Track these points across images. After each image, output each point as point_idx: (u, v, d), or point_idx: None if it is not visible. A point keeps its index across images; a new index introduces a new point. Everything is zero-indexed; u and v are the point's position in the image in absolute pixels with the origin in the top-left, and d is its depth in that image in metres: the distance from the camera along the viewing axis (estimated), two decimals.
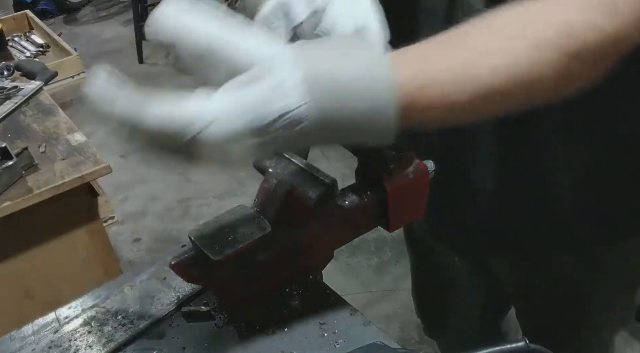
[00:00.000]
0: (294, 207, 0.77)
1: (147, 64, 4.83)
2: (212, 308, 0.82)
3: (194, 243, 0.77)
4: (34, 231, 1.69)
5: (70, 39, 5.15)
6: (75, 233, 1.76)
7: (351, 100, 0.51)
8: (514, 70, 0.56)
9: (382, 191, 0.84)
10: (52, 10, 5.80)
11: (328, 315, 0.81)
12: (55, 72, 2.22)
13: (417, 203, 0.89)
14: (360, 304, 2.31)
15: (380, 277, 2.57)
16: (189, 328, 0.82)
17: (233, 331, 0.81)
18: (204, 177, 3.36)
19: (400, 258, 2.63)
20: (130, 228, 3.05)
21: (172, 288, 0.88)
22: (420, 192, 0.88)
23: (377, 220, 0.88)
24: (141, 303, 0.86)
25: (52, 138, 1.80)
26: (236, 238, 0.75)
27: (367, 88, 0.51)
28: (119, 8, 6.05)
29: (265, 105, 0.50)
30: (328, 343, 0.78)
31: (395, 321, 2.35)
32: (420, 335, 2.27)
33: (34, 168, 1.66)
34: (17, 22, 2.92)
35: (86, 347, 0.81)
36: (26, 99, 2.01)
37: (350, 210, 0.84)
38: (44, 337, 0.84)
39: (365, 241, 2.69)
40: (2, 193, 1.56)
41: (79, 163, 1.67)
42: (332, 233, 0.83)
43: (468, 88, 0.54)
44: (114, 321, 0.84)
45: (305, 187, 0.75)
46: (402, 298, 2.44)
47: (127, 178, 3.44)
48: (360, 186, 0.87)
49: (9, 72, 2.19)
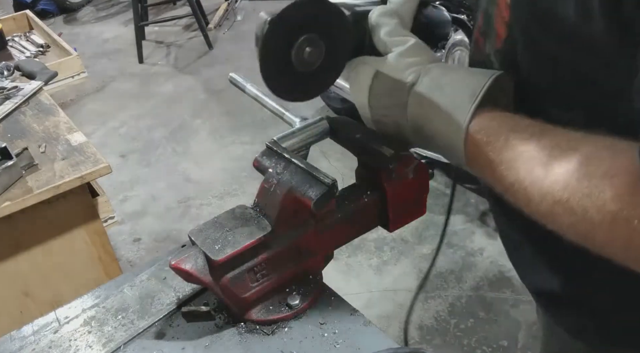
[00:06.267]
0: (294, 207, 0.77)
1: (147, 64, 4.83)
2: (212, 308, 0.82)
3: (194, 244, 0.77)
4: (34, 231, 1.69)
5: (70, 39, 5.15)
6: (75, 233, 1.76)
7: (435, 121, 0.70)
8: (567, 218, 0.57)
9: (382, 191, 0.84)
10: (52, 10, 5.80)
11: (328, 315, 0.81)
12: (55, 72, 2.22)
13: (417, 203, 0.89)
14: (360, 304, 2.31)
15: (380, 277, 2.57)
16: (189, 328, 0.82)
17: (233, 331, 0.81)
18: (204, 177, 3.36)
19: (400, 258, 2.64)
20: (130, 228, 3.06)
21: (172, 288, 0.88)
22: (420, 192, 0.88)
23: (377, 220, 0.88)
24: (141, 303, 0.86)
25: (52, 138, 1.80)
26: (236, 238, 0.75)
27: (447, 125, 0.68)
28: (119, 8, 6.05)
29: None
30: (328, 343, 0.78)
31: (395, 321, 2.35)
32: (420, 335, 2.28)
33: (34, 168, 1.66)
34: (17, 22, 2.92)
35: (86, 347, 0.81)
36: (26, 99, 2.01)
37: (350, 210, 0.84)
38: (44, 337, 0.84)
39: (365, 241, 2.69)
40: (2, 194, 1.56)
41: (79, 163, 1.67)
42: (332, 233, 0.83)
43: (503, 183, 0.64)
44: (114, 321, 0.84)
45: (305, 187, 0.75)
46: (402, 298, 2.45)
47: (127, 178, 3.44)
48: (360, 186, 0.87)
49: (9, 72, 2.19)
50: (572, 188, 0.55)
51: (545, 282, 0.84)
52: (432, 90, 0.70)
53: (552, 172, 0.57)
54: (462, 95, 0.68)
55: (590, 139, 0.58)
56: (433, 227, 2.76)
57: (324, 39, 0.71)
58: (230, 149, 3.61)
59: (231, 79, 0.94)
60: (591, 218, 0.54)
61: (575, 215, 0.55)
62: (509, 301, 2.38)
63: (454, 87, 0.69)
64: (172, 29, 5.38)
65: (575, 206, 0.55)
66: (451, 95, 0.69)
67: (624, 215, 0.52)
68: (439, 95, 0.70)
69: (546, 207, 0.58)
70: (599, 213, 0.53)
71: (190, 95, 4.28)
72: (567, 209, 0.56)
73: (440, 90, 0.70)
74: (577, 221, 0.56)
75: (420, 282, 1.24)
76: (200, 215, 3.07)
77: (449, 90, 0.69)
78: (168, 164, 3.55)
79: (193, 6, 4.69)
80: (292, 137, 0.82)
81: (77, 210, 1.73)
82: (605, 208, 0.53)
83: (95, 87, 4.48)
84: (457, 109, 0.67)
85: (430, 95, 0.70)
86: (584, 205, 0.54)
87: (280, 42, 0.69)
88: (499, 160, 0.63)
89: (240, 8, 5.59)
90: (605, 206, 0.53)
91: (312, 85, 0.75)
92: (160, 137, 3.81)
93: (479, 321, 2.31)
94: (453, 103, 0.68)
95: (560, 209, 0.57)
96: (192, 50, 4.93)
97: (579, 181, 0.55)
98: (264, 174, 0.79)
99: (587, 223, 0.55)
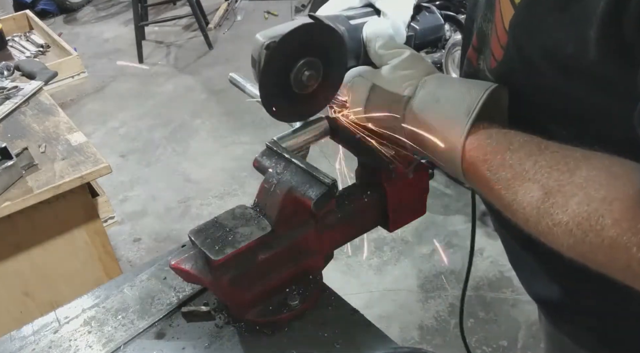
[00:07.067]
0: (294, 207, 0.77)
1: (147, 63, 4.83)
2: (212, 308, 0.82)
3: (194, 243, 0.77)
4: (34, 231, 1.69)
5: (70, 39, 5.15)
6: (75, 233, 1.76)
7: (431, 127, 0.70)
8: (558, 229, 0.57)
9: (382, 191, 0.84)
10: (52, 10, 5.80)
11: (328, 315, 0.81)
12: (55, 72, 2.22)
13: (417, 204, 0.89)
14: (360, 304, 2.31)
15: (380, 277, 2.57)
16: (189, 328, 0.82)
17: (233, 331, 0.81)
18: (204, 177, 3.36)
19: (401, 258, 2.64)
20: (130, 228, 3.05)
21: (172, 288, 0.88)
22: (420, 192, 0.88)
23: (377, 220, 0.88)
24: (141, 303, 0.86)
25: (52, 138, 1.80)
26: (236, 238, 0.75)
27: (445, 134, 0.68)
28: (119, 8, 6.05)
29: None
30: (328, 343, 0.77)
31: (395, 321, 2.35)
32: (420, 335, 2.28)
33: (34, 168, 1.66)
34: (17, 22, 2.92)
35: (86, 347, 0.81)
36: (26, 99, 2.01)
37: (350, 210, 0.84)
38: (44, 337, 0.84)
39: (366, 241, 2.68)
40: (2, 194, 1.56)
41: (79, 163, 1.67)
42: (332, 233, 0.83)
43: (501, 202, 0.64)
44: (114, 321, 0.84)
45: (305, 187, 0.75)
46: (402, 298, 2.44)
47: (127, 179, 3.43)
48: (360, 186, 0.87)
49: (9, 72, 2.19)
50: (571, 212, 0.55)
51: (546, 289, 0.84)
52: (429, 104, 0.70)
53: (551, 195, 0.57)
54: (458, 110, 0.68)
55: (587, 159, 0.58)
56: (433, 227, 2.75)
57: (321, 60, 0.72)
58: (230, 149, 3.61)
59: (231, 79, 0.94)
60: (590, 242, 0.54)
61: (574, 237, 0.56)
62: (509, 301, 2.37)
63: (450, 101, 0.69)
64: (172, 29, 5.38)
65: (575, 229, 0.55)
66: (447, 110, 0.69)
67: (623, 241, 0.52)
68: (435, 109, 0.70)
69: (545, 228, 0.58)
70: (598, 237, 0.54)
71: (190, 95, 4.27)
72: (566, 231, 0.56)
73: (437, 104, 0.70)
74: (575, 243, 0.56)
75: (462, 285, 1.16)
76: (200, 215, 3.06)
77: (445, 104, 0.69)
78: (168, 164, 3.55)
79: (193, 6, 4.68)
80: (292, 137, 0.82)
81: (77, 210, 1.73)
82: (605, 233, 0.53)
83: (95, 87, 4.48)
84: (453, 125, 0.67)
85: (426, 109, 0.70)
86: (583, 228, 0.55)
87: (279, 67, 0.69)
88: (496, 178, 0.63)
89: (240, 8, 5.59)
90: (604, 231, 0.53)
91: (310, 106, 0.76)
92: (160, 137, 3.81)
93: (479, 321, 2.31)
94: (449, 118, 0.68)
95: (559, 231, 0.57)
96: (192, 50, 4.93)
97: (578, 205, 0.55)
98: (264, 173, 0.79)
99: (586, 245, 0.55)
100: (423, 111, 0.70)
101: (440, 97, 0.70)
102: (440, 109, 0.69)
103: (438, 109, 0.69)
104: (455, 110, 0.68)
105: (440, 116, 0.69)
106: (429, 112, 0.70)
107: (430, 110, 0.70)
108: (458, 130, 0.67)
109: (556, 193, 0.57)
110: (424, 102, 0.71)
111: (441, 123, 0.69)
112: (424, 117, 0.70)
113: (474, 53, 0.78)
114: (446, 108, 0.69)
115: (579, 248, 0.56)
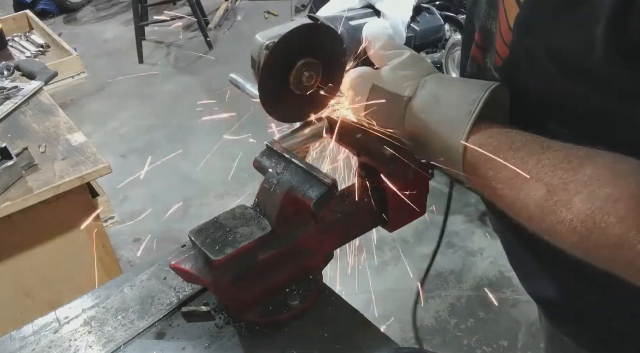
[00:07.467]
0: (294, 207, 0.77)
1: (147, 64, 4.83)
2: (212, 308, 0.81)
3: (194, 243, 0.77)
4: (34, 231, 1.69)
5: (70, 39, 5.14)
6: (75, 233, 1.76)
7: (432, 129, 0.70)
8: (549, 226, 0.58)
9: (382, 191, 0.84)
10: (52, 10, 5.80)
11: (328, 315, 0.81)
12: (55, 72, 2.22)
13: (417, 204, 0.89)
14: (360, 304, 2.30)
15: (380, 277, 2.57)
16: (189, 328, 0.82)
17: (233, 331, 0.81)
18: (204, 177, 3.36)
19: (400, 259, 2.64)
20: (130, 228, 3.05)
21: (172, 288, 0.88)
22: (420, 192, 0.88)
23: (378, 220, 0.88)
24: (141, 303, 0.86)
25: (52, 138, 1.80)
26: (236, 238, 0.75)
27: (444, 136, 0.68)
28: (119, 8, 6.05)
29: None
30: (328, 343, 0.77)
31: (395, 321, 2.35)
32: (420, 335, 2.28)
33: (34, 168, 1.66)
34: (17, 22, 2.92)
35: (86, 347, 0.81)
36: (26, 99, 2.01)
37: (350, 210, 0.84)
38: (44, 337, 0.84)
39: (366, 241, 2.68)
40: (2, 193, 1.56)
41: (79, 163, 1.67)
42: (332, 233, 0.83)
43: (504, 201, 0.64)
44: (114, 321, 0.84)
45: (305, 187, 0.74)
46: (402, 298, 2.44)
47: (127, 179, 3.43)
48: (360, 186, 0.87)
49: (9, 72, 2.19)
50: (575, 210, 0.55)
51: (546, 289, 0.84)
52: (429, 104, 0.70)
53: (555, 193, 0.57)
54: (458, 110, 0.68)
55: (591, 157, 0.58)
56: (433, 227, 2.75)
57: (320, 61, 0.72)
58: (230, 149, 3.60)
59: (231, 79, 0.94)
60: (595, 239, 0.54)
61: (578, 234, 0.56)
62: (509, 301, 2.37)
63: (451, 100, 0.69)
64: (172, 29, 5.37)
65: (579, 227, 0.55)
66: (448, 110, 0.69)
67: (628, 238, 0.52)
68: (435, 109, 0.70)
69: (548, 226, 0.58)
70: (602, 235, 0.54)
71: (190, 95, 4.27)
72: (570, 229, 0.56)
73: (437, 104, 0.70)
74: (580, 241, 0.56)
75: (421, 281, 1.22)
76: (200, 215, 3.06)
77: (445, 104, 0.69)
78: (168, 164, 3.55)
79: (193, 6, 4.69)
80: (292, 137, 0.82)
81: (77, 210, 1.73)
82: (609, 231, 0.53)
83: (95, 87, 4.48)
84: (454, 125, 0.67)
85: (427, 109, 0.70)
86: (587, 226, 0.55)
87: (278, 67, 0.69)
88: (498, 178, 0.63)
89: (240, 8, 5.59)
90: (609, 228, 0.53)
91: (309, 106, 0.76)
92: (160, 137, 3.81)
93: (479, 321, 2.31)
94: (450, 118, 0.68)
95: (563, 228, 0.57)
96: (192, 50, 4.93)
97: (583, 203, 0.55)
98: (264, 173, 0.79)
99: (591, 243, 0.55)
100: (423, 111, 0.70)
101: (440, 97, 0.70)
102: (440, 108, 0.69)
103: (438, 109, 0.69)
104: (455, 110, 0.68)
105: (441, 116, 0.69)
106: (429, 112, 0.70)
107: (431, 110, 0.70)
108: (459, 130, 0.67)
109: (560, 191, 0.57)
110: (424, 102, 0.71)
111: (442, 123, 0.69)
112: (425, 117, 0.70)
113: (479, 51, 0.77)
114: (447, 108, 0.69)
115: (583, 246, 0.56)
